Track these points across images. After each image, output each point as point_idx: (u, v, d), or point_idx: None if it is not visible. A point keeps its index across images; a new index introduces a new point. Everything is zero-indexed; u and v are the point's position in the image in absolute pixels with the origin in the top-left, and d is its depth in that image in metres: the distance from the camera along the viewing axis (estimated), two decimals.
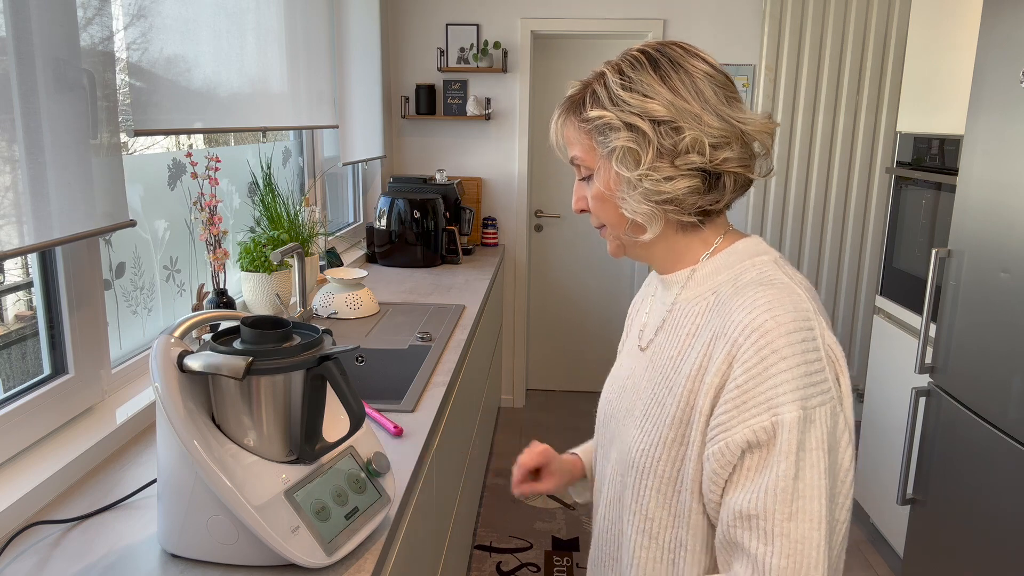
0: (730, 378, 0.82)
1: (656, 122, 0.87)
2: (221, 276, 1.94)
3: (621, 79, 0.90)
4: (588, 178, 0.96)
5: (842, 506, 0.82)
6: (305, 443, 1.09)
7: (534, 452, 1.18)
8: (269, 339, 1.05)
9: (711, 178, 0.89)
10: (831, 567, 0.80)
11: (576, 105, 0.94)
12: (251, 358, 1.00)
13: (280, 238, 2.32)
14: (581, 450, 1.26)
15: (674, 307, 0.96)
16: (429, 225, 3.23)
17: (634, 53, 0.92)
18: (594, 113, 0.90)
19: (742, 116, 0.90)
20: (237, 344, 1.05)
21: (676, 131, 0.87)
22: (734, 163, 0.89)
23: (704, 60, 0.91)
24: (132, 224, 1.49)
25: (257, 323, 1.06)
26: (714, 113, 0.88)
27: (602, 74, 0.92)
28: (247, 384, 1.03)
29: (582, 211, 0.99)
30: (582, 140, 0.94)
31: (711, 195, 0.90)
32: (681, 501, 0.89)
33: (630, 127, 0.88)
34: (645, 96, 0.88)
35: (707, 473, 0.84)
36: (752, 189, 3.89)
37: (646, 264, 0.99)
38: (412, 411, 1.67)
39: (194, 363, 1.02)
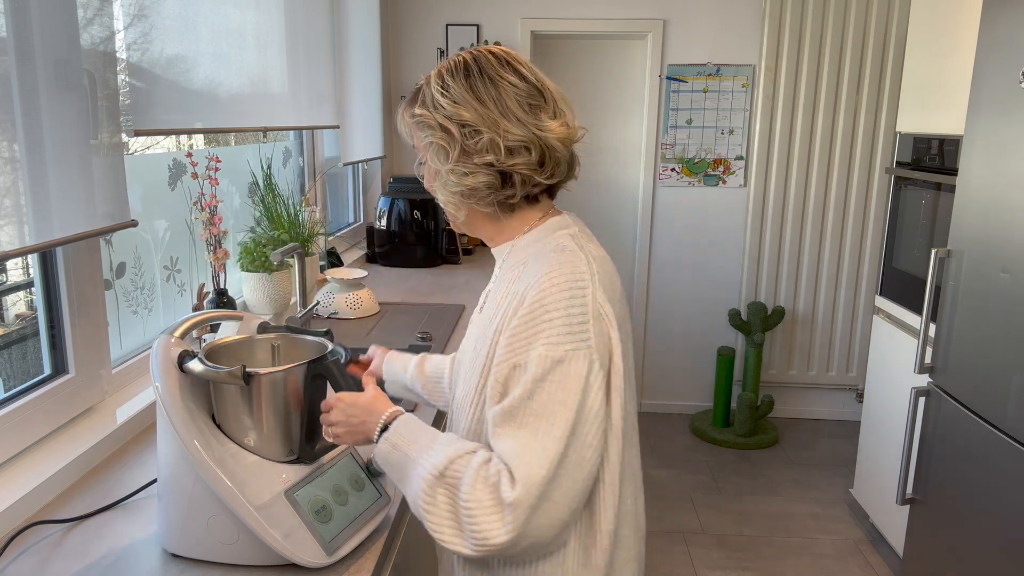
0: (513, 320, 0.97)
1: (462, 125, 1.02)
2: (221, 276, 1.94)
3: (440, 84, 1.04)
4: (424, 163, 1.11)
5: (589, 445, 0.93)
6: (305, 443, 1.09)
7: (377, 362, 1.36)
8: None
9: (504, 176, 1.03)
10: (569, 493, 0.92)
11: (412, 99, 1.09)
12: (243, 364, 1.01)
13: (280, 238, 2.32)
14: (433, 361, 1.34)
15: (498, 276, 1.10)
16: (429, 225, 3.23)
17: (456, 59, 1.06)
18: (418, 111, 1.06)
19: (541, 124, 1.03)
20: None
21: (476, 133, 1.01)
22: (523, 166, 1.02)
23: (515, 71, 1.04)
24: (134, 224, 1.49)
25: None
26: (514, 120, 1.01)
27: (429, 77, 1.07)
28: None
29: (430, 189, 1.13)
30: (412, 132, 1.09)
31: (505, 191, 1.04)
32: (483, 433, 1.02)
33: (442, 127, 1.03)
34: (455, 103, 1.02)
35: (487, 400, 1.00)
36: (751, 189, 3.89)
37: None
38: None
39: (195, 369, 1.02)
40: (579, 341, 0.93)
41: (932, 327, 2.37)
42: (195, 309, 1.89)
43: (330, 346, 1.13)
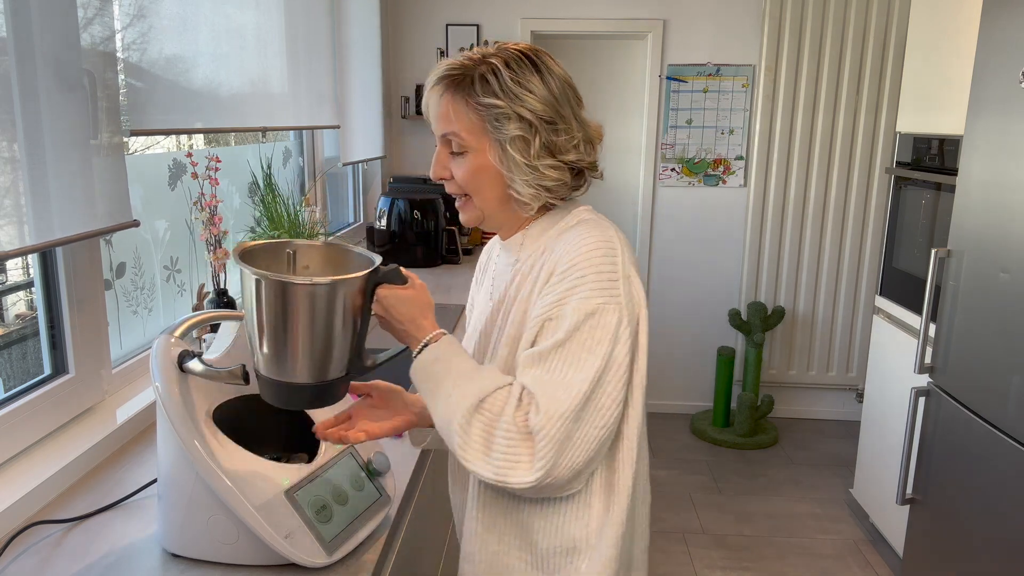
0: (546, 288, 1.00)
1: (543, 119, 1.02)
2: (221, 276, 1.94)
3: (511, 73, 1.01)
4: (461, 153, 1.06)
5: (609, 394, 0.96)
6: (356, 357, 1.02)
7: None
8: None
9: (575, 172, 1.07)
10: (588, 438, 0.94)
11: (463, 85, 1.03)
12: (243, 364, 1.00)
13: (280, 238, 2.32)
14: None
15: (519, 263, 1.11)
16: (429, 225, 3.23)
17: (515, 52, 1.04)
18: (489, 100, 1.01)
19: (588, 120, 1.08)
20: None
21: (556, 132, 1.03)
22: (590, 163, 1.08)
23: (562, 69, 1.07)
24: (135, 224, 1.49)
25: None
26: (575, 116, 1.05)
27: (491, 64, 1.02)
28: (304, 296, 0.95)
29: (441, 179, 1.11)
30: (471, 120, 1.03)
31: (574, 182, 1.08)
32: None
33: (521, 118, 1.01)
34: (531, 92, 1.01)
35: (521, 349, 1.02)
36: (751, 189, 3.89)
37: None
38: None
39: (195, 369, 1.02)
40: (609, 296, 0.97)
41: (932, 327, 2.37)
42: (195, 309, 1.89)
43: (377, 261, 1.05)
